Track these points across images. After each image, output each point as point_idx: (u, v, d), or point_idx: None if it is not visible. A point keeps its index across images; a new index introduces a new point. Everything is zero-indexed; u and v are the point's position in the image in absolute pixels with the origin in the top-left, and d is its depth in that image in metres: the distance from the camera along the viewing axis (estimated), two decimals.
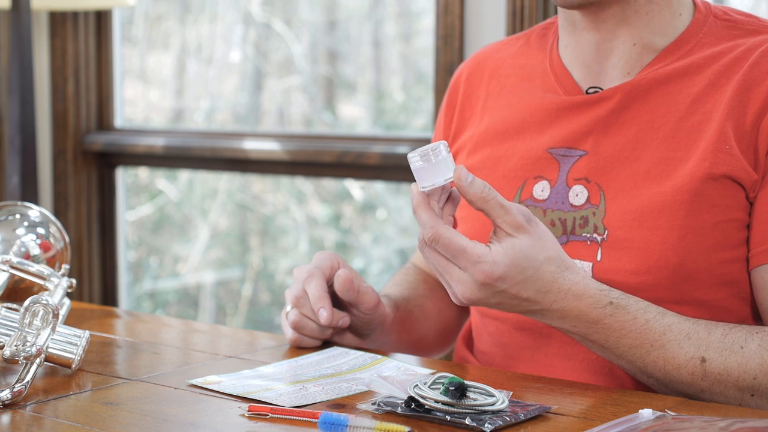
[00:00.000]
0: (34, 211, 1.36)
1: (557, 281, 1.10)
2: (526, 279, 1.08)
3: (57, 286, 1.24)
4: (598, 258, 1.21)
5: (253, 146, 2.53)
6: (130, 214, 3.40)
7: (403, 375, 1.07)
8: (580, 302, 1.11)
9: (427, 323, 1.43)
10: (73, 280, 1.29)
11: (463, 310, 1.49)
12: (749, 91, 1.18)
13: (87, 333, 1.18)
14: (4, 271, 1.24)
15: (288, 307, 1.27)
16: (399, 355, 1.25)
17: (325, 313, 1.23)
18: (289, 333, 1.28)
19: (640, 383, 1.21)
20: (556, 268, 1.10)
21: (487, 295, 1.09)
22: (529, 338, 1.27)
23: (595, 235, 1.21)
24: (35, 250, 1.33)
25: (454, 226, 1.40)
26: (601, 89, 1.27)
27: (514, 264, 1.07)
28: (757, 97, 1.18)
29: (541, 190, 1.26)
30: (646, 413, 0.97)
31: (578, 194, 1.24)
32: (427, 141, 1.51)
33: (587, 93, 1.28)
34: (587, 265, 1.21)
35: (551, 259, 1.10)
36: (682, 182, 1.18)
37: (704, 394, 1.13)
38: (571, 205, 1.24)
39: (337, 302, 1.27)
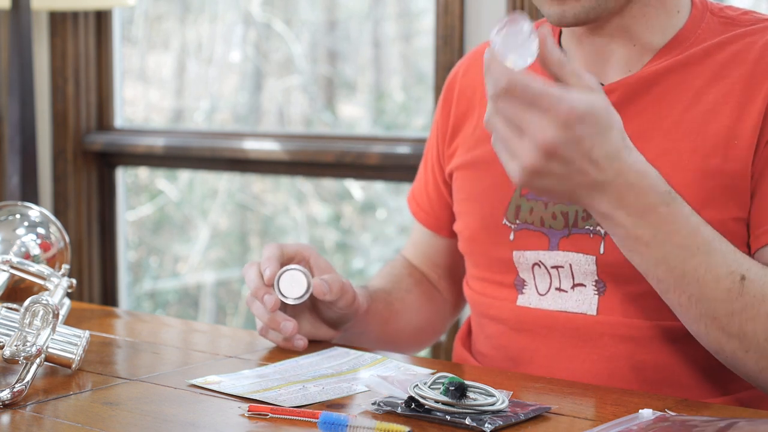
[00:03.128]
0: (34, 211, 1.36)
1: (622, 151, 1.04)
2: (600, 133, 1.02)
3: (57, 286, 1.24)
4: (601, 251, 1.20)
5: (253, 146, 2.53)
6: (130, 214, 3.40)
7: (403, 375, 1.07)
8: (642, 180, 1.05)
9: (407, 316, 1.42)
10: (73, 280, 1.29)
11: (447, 309, 1.49)
12: (756, 86, 1.18)
13: (87, 333, 1.18)
14: (4, 271, 1.24)
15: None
16: (399, 355, 1.25)
17: (268, 272, 1.23)
18: (256, 322, 1.29)
19: (642, 383, 1.21)
20: (621, 139, 1.04)
21: (566, 140, 1.00)
22: (527, 339, 1.27)
23: (598, 228, 1.21)
24: (35, 250, 1.33)
25: (453, 221, 1.41)
26: (602, 84, 1.27)
27: (593, 108, 1.01)
28: (766, 90, 1.18)
29: None
30: (646, 413, 0.97)
31: None
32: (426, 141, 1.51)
33: None
34: (590, 259, 1.21)
35: (618, 129, 1.04)
36: (691, 178, 1.17)
37: (734, 318, 1.08)
38: None
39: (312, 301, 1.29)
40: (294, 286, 1.25)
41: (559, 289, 1.24)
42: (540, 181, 1.03)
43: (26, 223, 1.34)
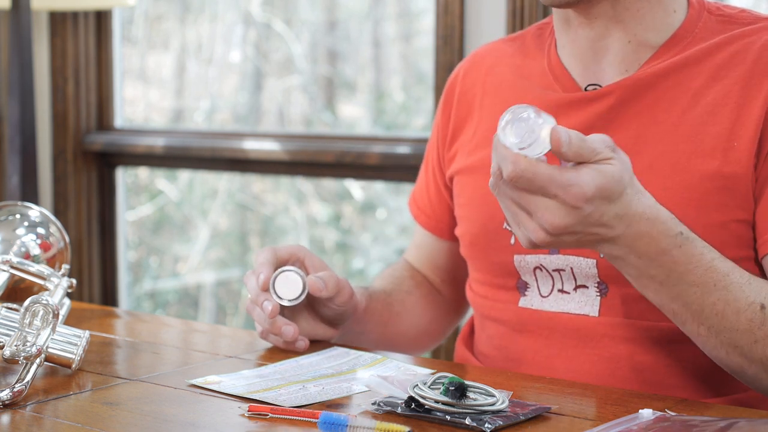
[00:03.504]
0: (34, 211, 1.36)
1: (632, 204, 1.05)
2: (611, 202, 1.03)
3: (57, 286, 1.24)
4: (602, 255, 1.20)
5: (253, 146, 2.53)
6: (130, 214, 3.40)
7: (403, 375, 1.07)
8: (653, 227, 1.06)
9: (408, 319, 1.42)
10: (73, 280, 1.29)
11: (450, 313, 1.49)
12: (755, 87, 1.18)
13: (87, 333, 1.18)
14: (4, 271, 1.24)
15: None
16: (399, 355, 1.25)
17: (263, 277, 1.23)
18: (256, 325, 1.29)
19: (642, 383, 1.21)
20: (632, 191, 1.05)
21: (574, 222, 1.03)
22: (528, 340, 1.27)
23: None
24: (35, 250, 1.33)
25: (454, 224, 1.41)
26: (600, 86, 1.27)
27: (602, 187, 1.02)
28: (765, 92, 1.17)
29: None
30: (646, 413, 0.97)
31: None
32: (426, 141, 1.51)
33: (586, 90, 1.28)
34: (591, 262, 1.21)
35: (629, 184, 1.05)
36: (691, 180, 1.17)
37: (757, 346, 1.09)
38: None
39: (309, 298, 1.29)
40: (290, 287, 1.25)
41: (561, 290, 1.24)
42: (548, 247, 1.06)
43: (26, 223, 1.34)
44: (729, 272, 1.09)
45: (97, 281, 2.81)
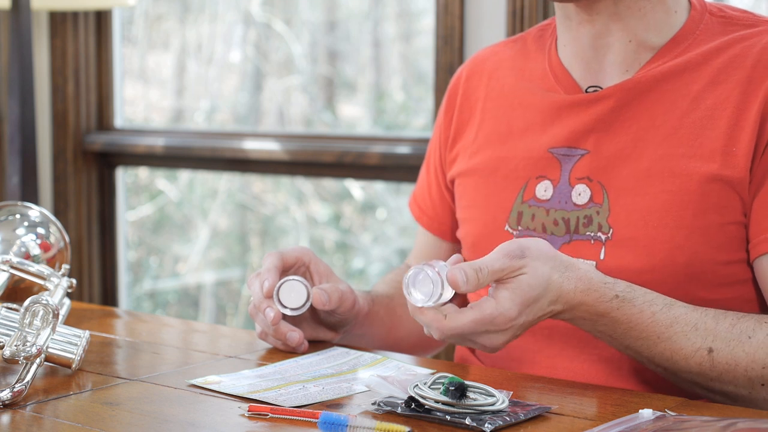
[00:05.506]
0: (34, 211, 1.36)
1: (563, 285, 1.10)
2: (537, 302, 1.10)
3: (57, 286, 1.24)
4: (602, 257, 1.21)
5: (253, 146, 2.53)
6: (130, 214, 3.40)
7: (403, 375, 1.07)
8: (587, 296, 1.11)
9: (411, 323, 1.42)
10: (73, 280, 1.29)
11: None
12: (754, 92, 1.18)
13: (87, 333, 1.18)
14: (4, 271, 1.24)
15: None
16: (399, 355, 1.25)
17: (267, 284, 1.24)
18: (256, 326, 1.30)
19: (642, 383, 1.21)
20: (558, 275, 1.10)
21: (513, 334, 1.11)
22: (530, 340, 1.27)
23: (599, 234, 1.21)
24: (35, 250, 1.33)
25: (457, 226, 1.40)
26: (601, 88, 1.27)
27: (525, 301, 1.09)
28: (763, 95, 1.17)
29: (544, 190, 1.26)
30: (646, 413, 0.97)
31: (581, 193, 1.24)
32: (427, 141, 1.51)
33: (586, 92, 1.28)
34: (591, 264, 1.21)
35: (553, 269, 1.10)
36: (689, 182, 1.17)
37: (714, 383, 1.13)
38: (574, 204, 1.24)
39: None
40: (293, 296, 1.25)
41: None
42: (511, 340, 1.12)
43: (26, 223, 1.34)
44: (672, 323, 1.12)
45: (97, 281, 2.81)
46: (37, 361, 1.08)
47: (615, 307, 1.12)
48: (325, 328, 1.31)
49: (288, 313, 1.25)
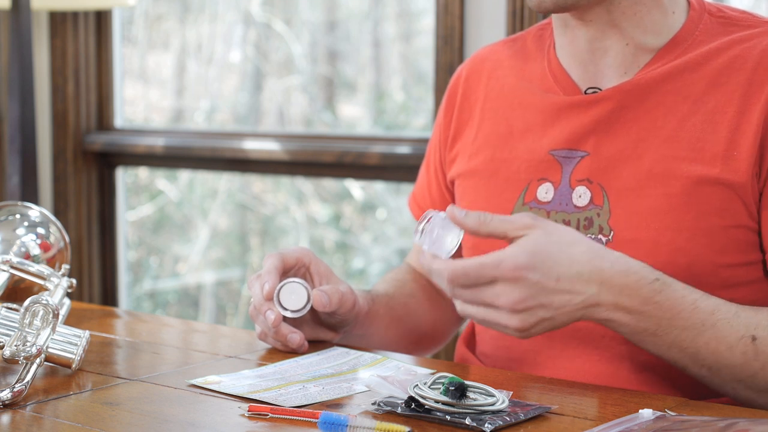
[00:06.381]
0: (34, 211, 1.36)
1: (594, 260, 1.07)
2: (557, 262, 1.05)
3: (57, 286, 1.24)
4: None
5: (253, 146, 2.53)
6: (130, 214, 3.40)
7: (403, 375, 1.07)
8: (628, 278, 1.07)
9: (411, 322, 1.42)
10: (73, 280, 1.29)
11: (452, 316, 1.48)
12: (755, 94, 1.18)
13: (87, 333, 1.18)
14: (4, 271, 1.24)
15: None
16: (399, 355, 1.25)
17: (267, 287, 1.23)
18: (255, 327, 1.30)
19: (642, 384, 1.21)
20: (586, 249, 1.07)
21: (528, 293, 1.05)
22: (531, 340, 1.26)
23: (600, 236, 1.21)
24: (35, 250, 1.33)
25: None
26: (600, 89, 1.27)
27: (535, 251, 1.05)
28: (765, 99, 1.17)
29: (545, 192, 1.26)
30: (646, 413, 0.97)
31: (581, 195, 1.24)
32: (426, 141, 1.51)
33: (586, 93, 1.27)
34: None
35: (577, 241, 1.07)
36: (690, 185, 1.17)
37: (758, 378, 1.10)
38: (575, 206, 1.24)
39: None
40: (294, 298, 1.25)
41: None
42: (537, 329, 1.08)
43: (26, 223, 1.34)
44: (714, 310, 1.10)
45: (97, 281, 2.81)
46: (37, 361, 1.08)
47: (658, 290, 1.08)
48: (325, 328, 1.31)
49: (288, 315, 1.25)
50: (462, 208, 1.36)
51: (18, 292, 1.28)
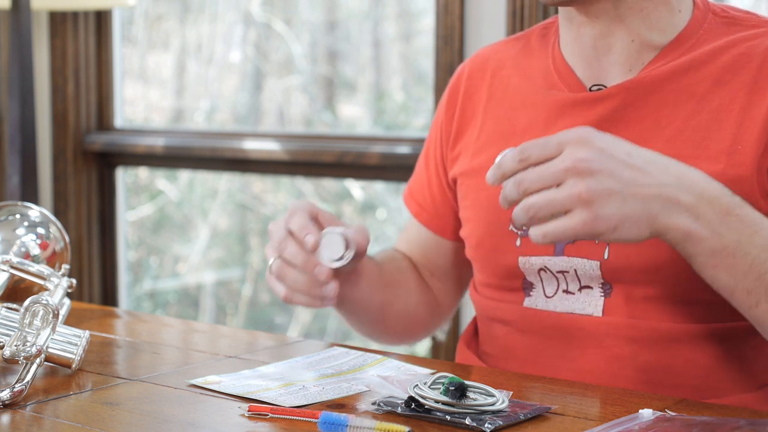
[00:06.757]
0: (34, 211, 1.36)
1: (671, 159, 1.04)
2: (627, 143, 1.03)
3: (57, 286, 1.24)
4: (605, 256, 1.20)
5: (253, 146, 2.53)
6: (130, 214, 3.41)
7: (403, 375, 1.07)
8: (709, 184, 1.03)
9: (397, 292, 1.39)
10: (73, 280, 1.29)
11: (438, 307, 1.46)
12: (760, 92, 1.18)
13: (87, 333, 1.18)
14: (4, 271, 1.24)
15: (270, 260, 1.23)
16: (399, 355, 1.25)
17: (311, 239, 1.18)
18: (278, 288, 1.24)
19: (644, 384, 1.21)
20: (659, 155, 1.05)
21: (595, 156, 1.00)
22: (533, 340, 1.27)
23: None
24: (35, 250, 1.33)
25: (456, 224, 1.40)
26: (604, 86, 1.26)
27: (602, 135, 1.02)
28: None
29: None
30: (646, 413, 0.97)
31: None
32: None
33: (590, 90, 1.27)
34: (595, 264, 1.21)
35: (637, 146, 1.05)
36: None
37: None
38: None
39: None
40: (333, 248, 1.20)
41: (566, 291, 1.24)
42: (606, 210, 1.01)
43: (26, 223, 1.34)
44: None
45: (97, 281, 2.81)
46: (37, 361, 1.08)
47: (738, 204, 1.04)
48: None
49: (335, 265, 1.20)
50: (464, 208, 1.36)
51: (18, 292, 1.28)
